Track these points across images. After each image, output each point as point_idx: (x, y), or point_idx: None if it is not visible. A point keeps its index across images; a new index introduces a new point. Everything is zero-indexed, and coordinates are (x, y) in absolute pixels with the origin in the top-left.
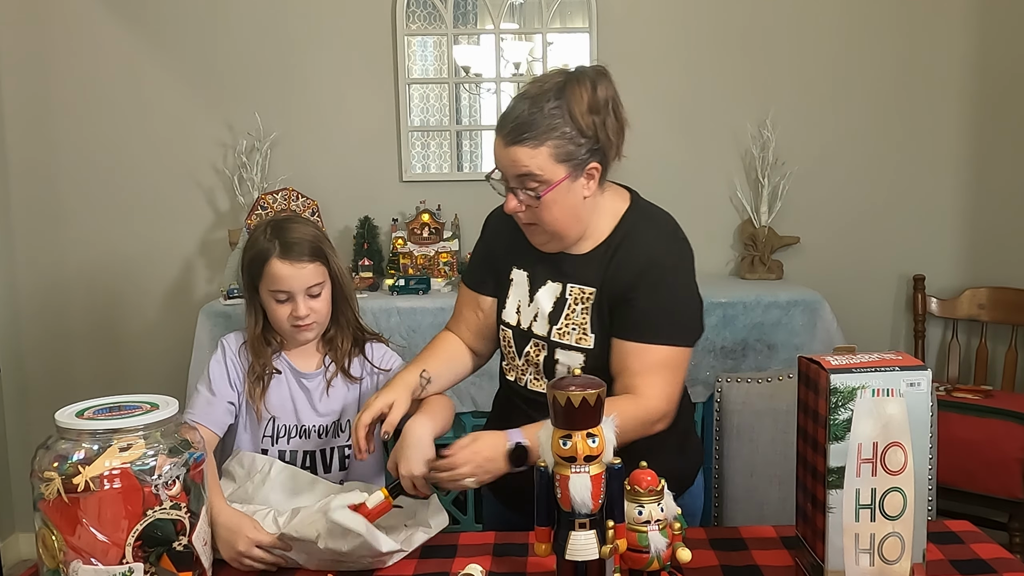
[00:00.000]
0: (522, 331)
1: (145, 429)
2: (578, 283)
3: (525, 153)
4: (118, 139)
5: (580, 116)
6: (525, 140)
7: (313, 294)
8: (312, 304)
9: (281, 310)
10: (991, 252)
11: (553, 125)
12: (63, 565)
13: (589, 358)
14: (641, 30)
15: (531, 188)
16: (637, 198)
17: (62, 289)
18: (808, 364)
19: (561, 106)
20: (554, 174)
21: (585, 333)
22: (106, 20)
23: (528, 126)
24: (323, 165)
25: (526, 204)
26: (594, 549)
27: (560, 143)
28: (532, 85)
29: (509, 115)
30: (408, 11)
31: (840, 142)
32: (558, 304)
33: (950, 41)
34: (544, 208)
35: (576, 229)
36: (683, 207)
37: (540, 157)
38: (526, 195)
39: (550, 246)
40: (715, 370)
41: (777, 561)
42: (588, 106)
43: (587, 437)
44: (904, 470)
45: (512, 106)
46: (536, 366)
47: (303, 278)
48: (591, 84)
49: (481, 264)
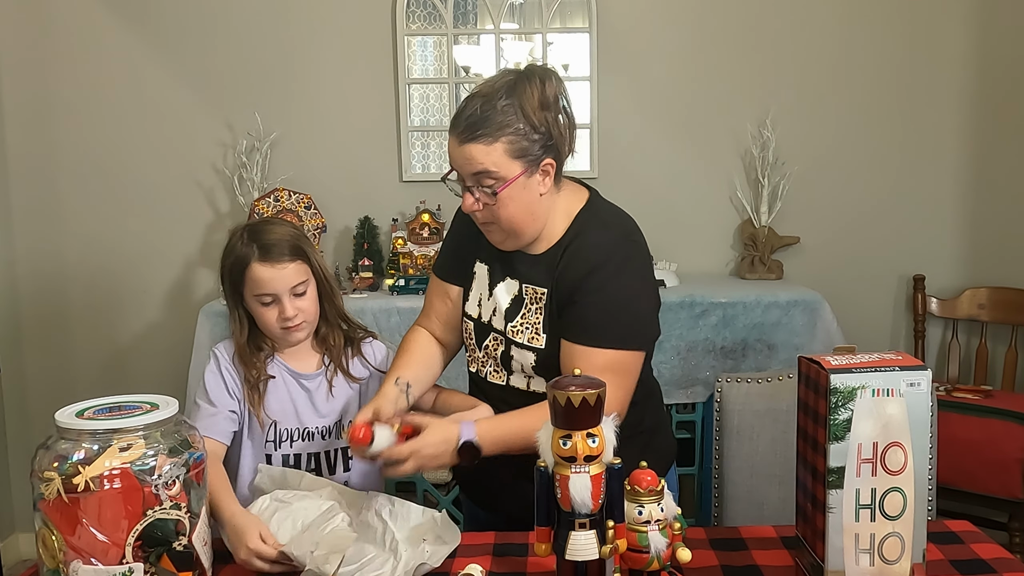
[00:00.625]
0: (482, 324)
1: (145, 429)
2: (531, 283)
3: (480, 150)
4: (118, 139)
5: (532, 112)
6: (479, 137)
7: (298, 293)
8: (299, 304)
9: (268, 313)
10: (991, 252)
11: (506, 122)
12: (63, 565)
13: (540, 357)
14: (641, 30)
15: (487, 185)
16: (594, 198)
17: (62, 289)
18: (808, 364)
19: (513, 103)
20: (509, 171)
21: (537, 333)
22: (106, 20)
23: (482, 123)
24: (323, 165)
25: (483, 202)
26: (594, 549)
27: (514, 139)
28: (483, 85)
29: (462, 114)
30: (408, 11)
31: (840, 142)
32: (515, 301)
33: (950, 41)
34: (501, 205)
35: (532, 227)
36: (683, 207)
37: (495, 154)
38: (482, 193)
39: (507, 244)
40: (715, 370)
41: (777, 561)
42: (539, 102)
43: (587, 437)
44: (904, 470)
45: (464, 105)
46: (495, 359)
47: (286, 278)
48: (540, 81)
49: (450, 255)
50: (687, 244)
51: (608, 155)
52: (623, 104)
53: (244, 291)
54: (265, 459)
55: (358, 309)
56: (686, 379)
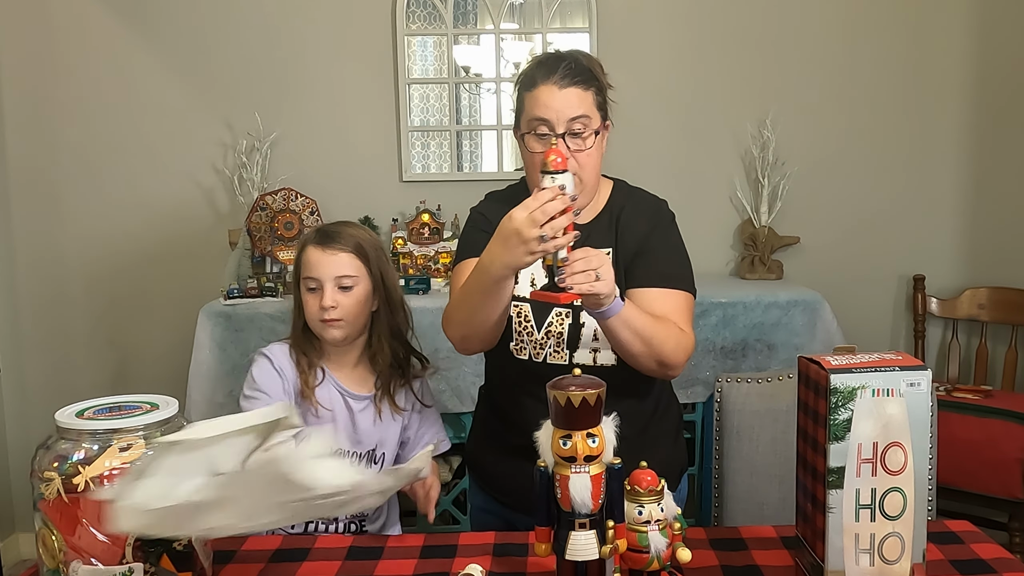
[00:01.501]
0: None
1: (145, 429)
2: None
3: (580, 95)
4: (118, 139)
5: (599, 74)
6: (580, 83)
7: (344, 286)
8: (340, 296)
9: (311, 301)
10: (991, 252)
11: (595, 75)
12: (63, 565)
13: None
14: (641, 30)
15: (577, 132)
16: (617, 179)
17: (62, 289)
18: (808, 364)
19: (588, 63)
20: (597, 119)
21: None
22: (106, 20)
23: (580, 71)
24: (323, 165)
25: (574, 151)
26: (594, 549)
27: (598, 91)
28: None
29: (557, 62)
30: (408, 11)
31: (840, 142)
32: None
33: (950, 41)
34: (587, 155)
35: (596, 183)
36: (683, 207)
37: (589, 100)
38: (573, 141)
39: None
40: (715, 370)
41: (777, 561)
42: (600, 68)
43: (587, 437)
44: (904, 470)
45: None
46: (559, 336)
47: (333, 264)
48: (587, 55)
49: (483, 231)
50: (687, 244)
51: (608, 155)
52: (623, 104)
53: (301, 279)
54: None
55: None
56: (686, 379)
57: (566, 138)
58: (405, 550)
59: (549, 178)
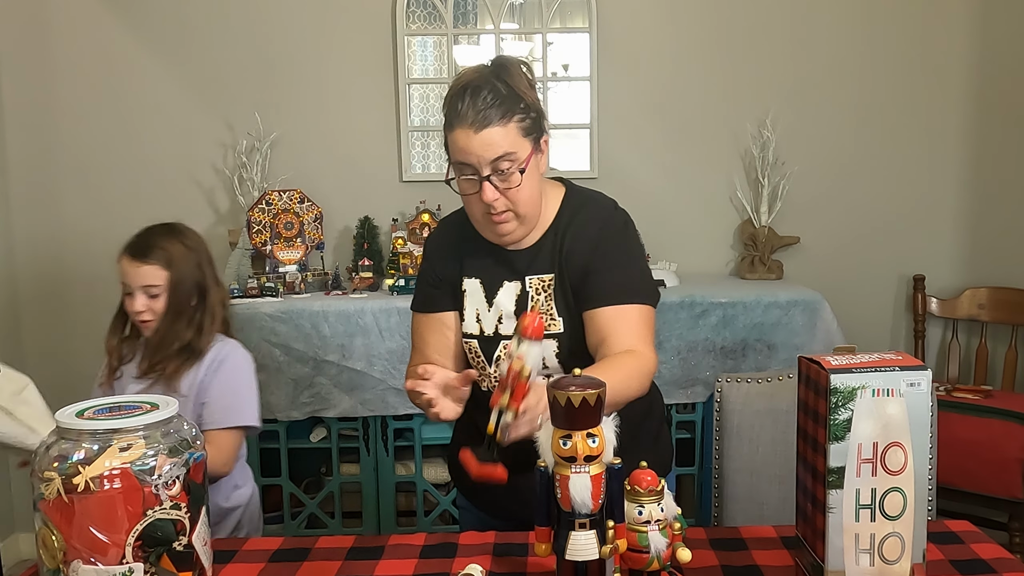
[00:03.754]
0: (487, 337)
1: (145, 429)
2: (536, 274)
3: (498, 133)
4: (118, 139)
5: (524, 92)
6: (495, 121)
7: (151, 294)
8: (149, 303)
9: (127, 303)
10: (991, 252)
11: (512, 103)
12: (63, 565)
13: (562, 342)
14: (641, 30)
15: (504, 169)
16: (572, 185)
17: (63, 289)
18: (808, 364)
19: (508, 85)
20: (524, 149)
21: (553, 319)
22: (106, 20)
23: (494, 107)
24: (323, 165)
25: (502, 189)
26: (594, 549)
27: (521, 117)
28: (466, 78)
29: (469, 104)
30: (408, 11)
31: (840, 142)
32: (520, 300)
33: (951, 40)
34: (520, 188)
35: (537, 210)
36: (683, 207)
37: (511, 135)
38: (500, 179)
39: (516, 234)
40: (715, 370)
41: (777, 561)
42: (526, 83)
43: (587, 437)
44: (904, 470)
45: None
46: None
47: (139, 276)
48: (520, 64)
49: (431, 285)
50: (687, 244)
51: (608, 155)
52: (623, 104)
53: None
54: None
55: (358, 309)
56: (686, 379)
57: (492, 179)
58: (405, 550)
59: (520, 342)
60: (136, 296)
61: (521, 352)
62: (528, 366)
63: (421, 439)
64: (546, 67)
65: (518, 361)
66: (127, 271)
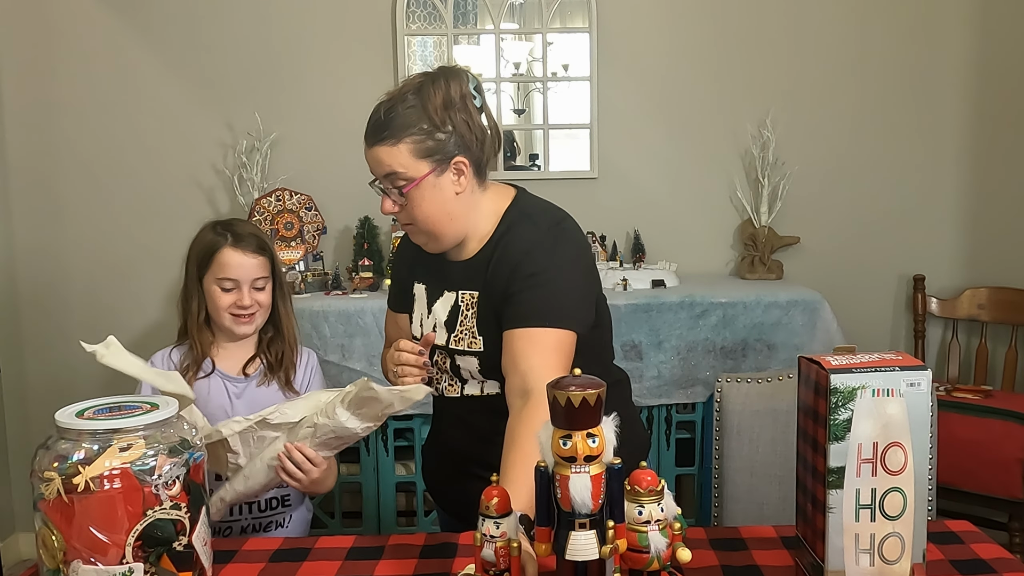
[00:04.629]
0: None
1: (145, 429)
2: (466, 289)
3: (385, 152)
4: (118, 139)
5: (434, 112)
6: (384, 139)
7: (257, 287)
8: (257, 296)
9: (225, 297)
10: (991, 252)
11: (408, 123)
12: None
13: (482, 360)
14: (641, 30)
15: (397, 187)
16: (521, 195)
17: (62, 289)
18: (808, 364)
19: (416, 105)
20: (417, 170)
21: (474, 337)
22: (106, 20)
23: (385, 126)
24: (323, 165)
25: (398, 204)
26: (594, 549)
27: (418, 138)
28: (393, 90)
29: (370, 119)
30: (408, 11)
31: (840, 142)
32: (452, 312)
33: (951, 40)
34: (414, 205)
35: (452, 228)
36: (683, 207)
37: (400, 155)
38: (395, 194)
39: (431, 246)
40: (715, 370)
41: (777, 561)
42: (442, 102)
43: (587, 437)
44: (904, 470)
45: (373, 111)
46: (447, 372)
47: (251, 268)
48: (445, 82)
49: (396, 285)
50: (687, 244)
51: (608, 155)
52: (623, 104)
53: (207, 275)
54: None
55: (358, 309)
56: (686, 379)
57: (388, 192)
58: (405, 550)
59: (492, 523)
60: (244, 290)
61: (504, 530)
62: (514, 537)
63: (421, 439)
64: (546, 67)
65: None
66: (233, 265)
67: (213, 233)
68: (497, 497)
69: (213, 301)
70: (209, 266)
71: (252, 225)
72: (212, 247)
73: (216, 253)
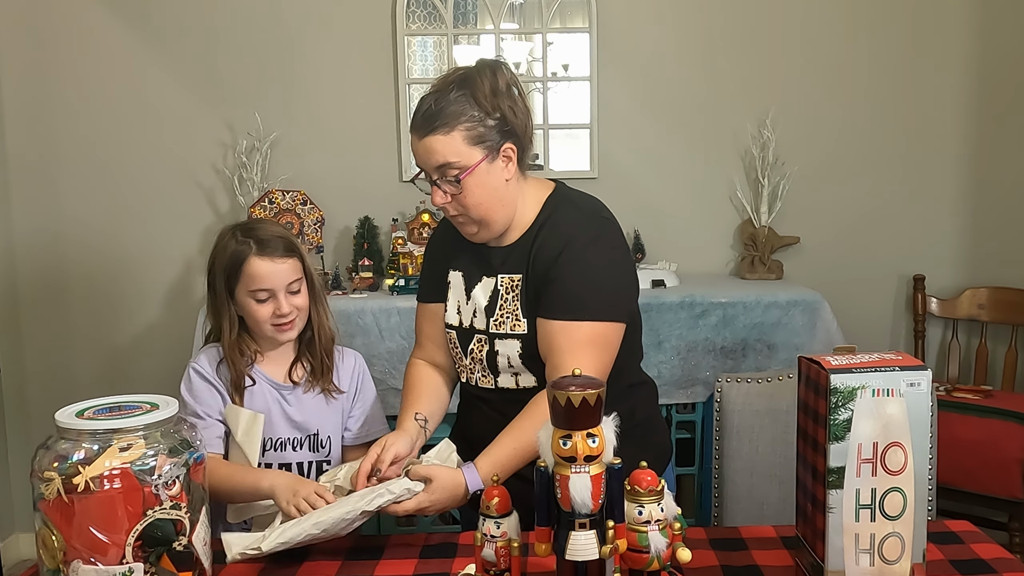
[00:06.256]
0: (464, 330)
1: (145, 429)
2: (507, 273)
3: (439, 141)
4: (118, 139)
5: (484, 99)
6: (437, 129)
7: (293, 291)
8: (294, 301)
9: (262, 309)
10: (991, 252)
11: (460, 110)
12: (63, 565)
13: (524, 344)
14: (641, 30)
15: (451, 176)
16: (561, 186)
17: (62, 289)
18: (808, 364)
19: (465, 93)
20: (471, 157)
21: (518, 319)
22: (106, 20)
23: (436, 115)
24: (323, 165)
25: (450, 194)
26: (594, 549)
27: (470, 126)
28: (436, 82)
29: (418, 111)
30: (408, 11)
31: (840, 142)
32: (492, 297)
33: (951, 41)
34: (467, 193)
35: (502, 213)
36: (683, 207)
37: (454, 143)
38: (448, 184)
39: (481, 235)
40: (715, 370)
41: (777, 561)
42: (490, 90)
43: (587, 437)
44: (904, 470)
45: (419, 103)
46: (481, 363)
47: (284, 274)
48: (490, 71)
49: (428, 278)
50: (687, 244)
51: (608, 155)
52: (623, 104)
53: (238, 287)
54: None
55: (358, 309)
56: (686, 379)
57: (440, 183)
58: (405, 550)
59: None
60: (280, 298)
61: (505, 530)
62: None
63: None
64: (546, 67)
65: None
66: (264, 275)
67: (235, 242)
68: (497, 497)
69: (251, 315)
70: (239, 278)
71: (273, 224)
72: (238, 258)
73: (244, 264)
